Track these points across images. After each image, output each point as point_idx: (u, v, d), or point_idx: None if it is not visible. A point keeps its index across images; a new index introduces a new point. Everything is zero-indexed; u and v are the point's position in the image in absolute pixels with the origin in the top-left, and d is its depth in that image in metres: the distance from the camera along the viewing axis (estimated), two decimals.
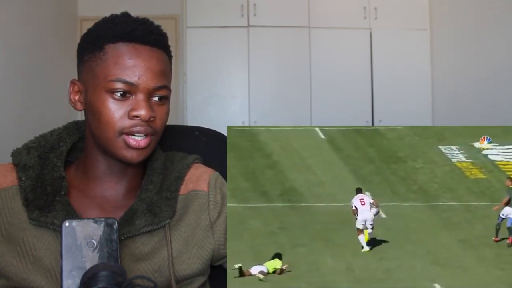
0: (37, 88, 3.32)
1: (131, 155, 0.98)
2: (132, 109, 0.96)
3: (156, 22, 1.04)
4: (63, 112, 2.87)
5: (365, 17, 4.35)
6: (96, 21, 1.03)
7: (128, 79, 0.95)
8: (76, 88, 1.02)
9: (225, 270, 1.14)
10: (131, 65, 0.96)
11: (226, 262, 1.14)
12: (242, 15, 4.26)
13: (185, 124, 4.11)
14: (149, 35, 0.99)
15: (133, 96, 0.97)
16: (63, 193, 0.99)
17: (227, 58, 4.30)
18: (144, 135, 0.98)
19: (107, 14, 1.03)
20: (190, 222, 1.06)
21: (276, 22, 4.28)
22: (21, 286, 0.95)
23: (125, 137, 0.97)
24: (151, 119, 0.97)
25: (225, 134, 1.33)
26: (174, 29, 4.34)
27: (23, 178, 0.99)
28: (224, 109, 4.30)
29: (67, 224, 0.77)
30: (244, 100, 4.30)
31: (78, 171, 1.06)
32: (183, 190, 1.08)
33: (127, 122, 0.96)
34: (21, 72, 3.19)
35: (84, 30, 1.04)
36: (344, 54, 4.33)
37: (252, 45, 4.27)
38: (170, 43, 1.06)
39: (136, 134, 0.97)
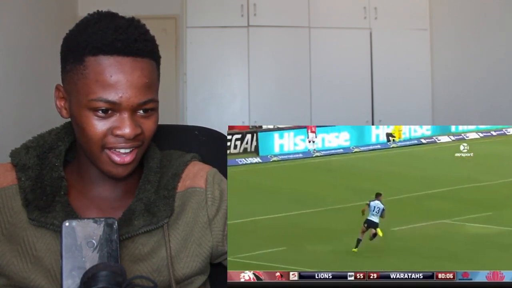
0: (36, 88, 3.32)
1: (117, 171, 0.97)
2: (116, 127, 0.93)
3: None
4: None
5: (365, 17, 4.35)
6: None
7: (110, 98, 0.91)
8: (60, 94, 0.99)
9: (225, 268, 1.14)
10: (113, 82, 0.90)
11: (226, 259, 1.13)
12: (242, 15, 4.26)
13: (185, 124, 4.11)
14: (131, 45, 0.92)
15: (117, 113, 0.93)
16: (62, 193, 0.99)
17: (227, 58, 4.30)
18: (130, 150, 0.96)
19: None
20: (188, 220, 1.06)
21: (276, 22, 4.27)
22: (22, 285, 0.95)
23: (109, 153, 0.95)
24: (137, 136, 0.95)
25: (225, 134, 1.33)
26: (174, 29, 4.32)
27: (23, 178, 0.99)
28: (224, 109, 4.30)
29: (67, 224, 0.77)
30: (244, 100, 4.30)
31: (74, 172, 1.05)
32: (181, 187, 1.08)
33: (111, 139, 0.94)
34: (21, 71, 3.19)
35: None
36: (344, 54, 4.33)
37: (252, 45, 4.27)
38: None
39: (121, 150, 0.95)
